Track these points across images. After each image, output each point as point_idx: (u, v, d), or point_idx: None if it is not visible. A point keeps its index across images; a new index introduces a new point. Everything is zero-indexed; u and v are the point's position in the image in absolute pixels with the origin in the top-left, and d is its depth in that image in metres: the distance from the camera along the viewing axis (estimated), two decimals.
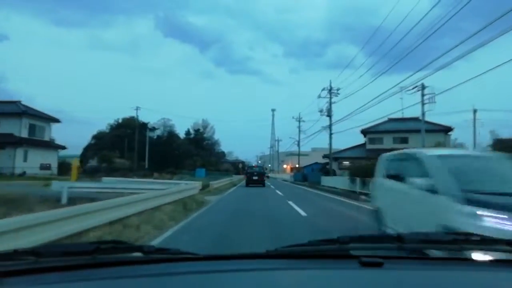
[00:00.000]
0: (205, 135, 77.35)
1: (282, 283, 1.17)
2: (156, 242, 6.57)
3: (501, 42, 12.22)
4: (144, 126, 65.59)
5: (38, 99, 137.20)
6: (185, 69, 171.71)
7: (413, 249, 1.35)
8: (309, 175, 41.09)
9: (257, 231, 8.05)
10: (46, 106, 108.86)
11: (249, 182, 31.22)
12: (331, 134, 34.78)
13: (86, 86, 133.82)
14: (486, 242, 1.34)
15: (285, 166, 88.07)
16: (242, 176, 54.46)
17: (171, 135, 64.86)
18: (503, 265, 1.28)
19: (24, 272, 1.08)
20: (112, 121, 66.43)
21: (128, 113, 63.31)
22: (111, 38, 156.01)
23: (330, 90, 35.08)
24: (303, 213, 11.55)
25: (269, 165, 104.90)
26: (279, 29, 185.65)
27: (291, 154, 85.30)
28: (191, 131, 75.30)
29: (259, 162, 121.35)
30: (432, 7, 23.52)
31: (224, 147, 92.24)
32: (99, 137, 63.74)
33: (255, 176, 31.52)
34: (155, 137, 64.53)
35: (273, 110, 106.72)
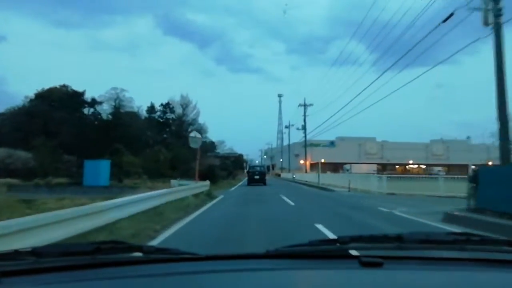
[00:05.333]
0: (184, 118, 50.82)
1: (282, 283, 1.16)
2: None
3: None
4: (76, 97, 41.36)
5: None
6: (183, 67, 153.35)
7: (413, 249, 1.32)
8: None
9: None
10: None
11: (251, 181, 31.72)
12: None
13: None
14: (486, 242, 1.34)
15: (301, 161, 62.05)
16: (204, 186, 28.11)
17: (118, 113, 39.46)
18: (503, 265, 1.26)
19: (24, 272, 1.07)
20: (34, 93, 42.72)
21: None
22: (110, 38, 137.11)
23: None
24: None
25: (281, 160, 78.54)
26: (280, 26, 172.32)
27: (311, 144, 59.50)
28: (157, 107, 47.97)
29: (264, 158, 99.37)
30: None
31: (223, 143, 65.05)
32: (5, 116, 40.32)
33: (256, 176, 31.97)
34: (91, 115, 39.90)
35: (279, 96, 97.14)
